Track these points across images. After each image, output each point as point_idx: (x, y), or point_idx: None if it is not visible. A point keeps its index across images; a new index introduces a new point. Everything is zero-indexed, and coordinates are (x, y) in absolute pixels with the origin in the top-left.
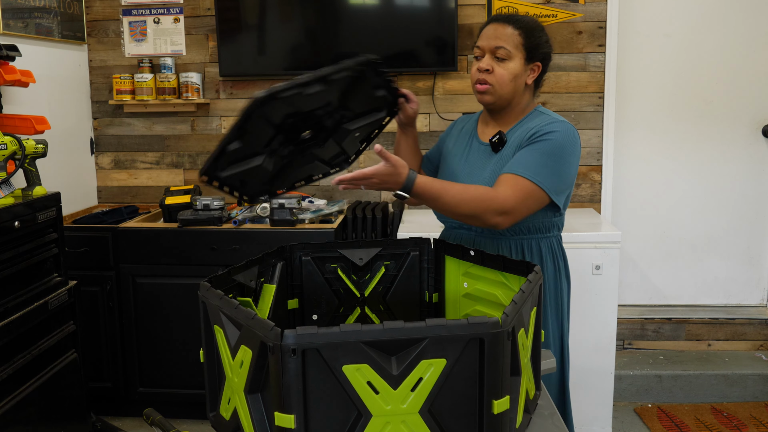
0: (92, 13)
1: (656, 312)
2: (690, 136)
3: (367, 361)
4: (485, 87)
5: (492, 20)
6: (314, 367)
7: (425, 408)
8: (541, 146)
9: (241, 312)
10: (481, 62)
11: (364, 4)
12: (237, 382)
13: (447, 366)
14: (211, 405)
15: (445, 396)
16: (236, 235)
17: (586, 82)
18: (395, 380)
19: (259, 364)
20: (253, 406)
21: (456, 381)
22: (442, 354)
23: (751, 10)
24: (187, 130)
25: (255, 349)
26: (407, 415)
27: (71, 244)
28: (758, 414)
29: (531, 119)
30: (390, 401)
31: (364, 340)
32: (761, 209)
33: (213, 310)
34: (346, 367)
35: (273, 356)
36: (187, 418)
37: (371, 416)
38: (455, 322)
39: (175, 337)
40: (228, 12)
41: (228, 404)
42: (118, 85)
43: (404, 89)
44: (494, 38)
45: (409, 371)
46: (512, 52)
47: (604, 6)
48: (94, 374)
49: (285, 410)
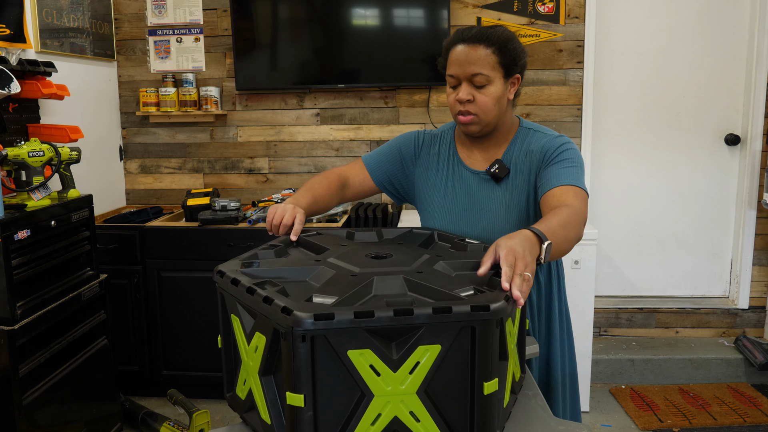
0: (121, 33)
1: (629, 302)
2: (660, 143)
3: (370, 346)
4: (469, 118)
5: (458, 40)
6: (322, 351)
7: (422, 389)
8: (566, 160)
9: (257, 302)
10: (460, 93)
11: (366, 25)
12: (252, 366)
13: (442, 351)
14: (228, 386)
15: (440, 378)
16: (251, 233)
17: (566, 96)
18: (395, 364)
19: (272, 349)
20: (267, 387)
21: (450, 365)
22: (437, 340)
23: (714, 30)
24: (206, 139)
25: (269, 335)
26: (406, 396)
27: (102, 242)
28: (721, 394)
29: (525, 139)
30: (390, 383)
31: (367, 327)
32: (724, 210)
33: (230, 300)
34: (351, 352)
35: (285, 342)
36: (206, 398)
37: (373, 396)
38: (454, 319)
39: (195, 325)
40: (244, 32)
41: (243, 385)
42: (145, 98)
43: None
44: (468, 64)
45: (408, 356)
46: (491, 75)
47: (582, 27)
48: (122, 358)
49: (295, 390)
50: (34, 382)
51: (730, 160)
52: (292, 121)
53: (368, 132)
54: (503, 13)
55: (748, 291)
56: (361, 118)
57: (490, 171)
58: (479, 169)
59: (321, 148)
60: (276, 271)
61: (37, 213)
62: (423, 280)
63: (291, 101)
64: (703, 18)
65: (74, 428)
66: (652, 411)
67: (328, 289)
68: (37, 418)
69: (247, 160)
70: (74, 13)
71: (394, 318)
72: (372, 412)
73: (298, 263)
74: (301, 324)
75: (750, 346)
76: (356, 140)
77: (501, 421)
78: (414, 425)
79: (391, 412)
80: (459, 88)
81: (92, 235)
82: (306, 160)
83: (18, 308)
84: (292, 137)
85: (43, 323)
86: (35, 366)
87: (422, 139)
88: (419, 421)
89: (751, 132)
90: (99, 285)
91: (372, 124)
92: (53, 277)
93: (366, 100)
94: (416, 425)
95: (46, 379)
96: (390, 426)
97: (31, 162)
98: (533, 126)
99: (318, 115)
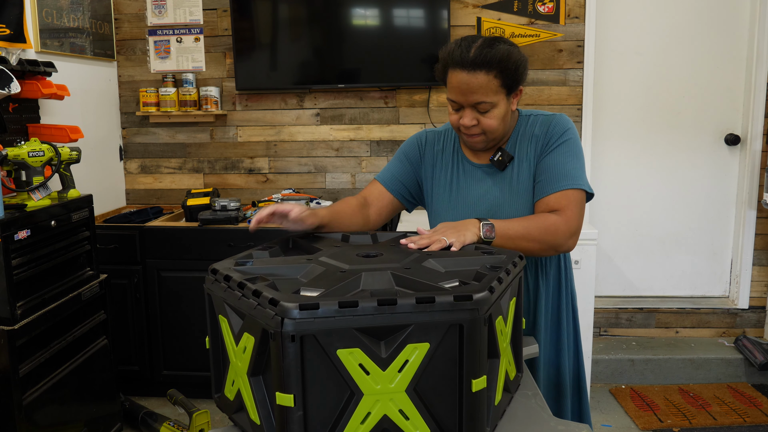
0: (121, 33)
1: (629, 302)
2: (660, 143)
3: (359, 345)
4: (475, 139)
5: (456, 65)
6: (311, 351)
7: (411, 387)
8: (565, 149)
9: (244, 302)
10: (464, 119)
11: (365, 24)
12: (240, 366)
13: (430, 349)
14: (216, 387)
15: (429, 376)
16: (251, 233)
17: (566, 95)
18: (384, 362)
19: (261, 349)
20: (256, 388)
21: (438, 362)
22: (426, 338)
23: (714, 30)
24: (206, 139)
25: (257, 336)
26: (395, 394)
27: (102, 242)
28: (721, 394)
29: (527, 125)
30: (379, 381)
31: (356, 326)
32: (724, 210)
33: (218, 301)
34: (340, 351)
35: (274, 342)
36: (206, 398)
37: (363, 395)
38: (438, 309)
39: (195, 325)
40: (243, 32)
41: (232, 386)
42: (145, 98)
43: None
44: (470, 93)
45: (397, 354)
46: (494, 100)
47: (582, 27)
48: (122, 358)
49: (285, 390)
50: (34, 382)
51: (730, 160)
52: (292, 121)
53: (368, 132)
54: (503, 13)
55: (748, 291)
56: (361, 118)
57: (493, 159)
58: (483, 162)
59: (321, 148)
60: (268, 268)
61: (37, 213)
62: (410, 275)
63: (291, 101)
64: (703, 18)
65: (74, 428)
66: (652, 411)
67: (316, 283)
68: (37, 418)
69: (247, 160)
70: (74, 13)
71: (378, 308)
72: (362, 410)
73: (291, 262)
74: (289, 324)
75: (750, 346)
76: (356, 140)
77: (492, 419)
78: (403, 423)
79: (381, 410)
80: (462, 112)
81: (92, 235)
82: (306, 160)
83: (18, 308)
84: (292, 137)
85: (43, 323)
86: (35, 366)
87: (425, 139)
88: (408, 419)
89: (751, 132)
90: (99, 285)
91: (372, 124)
92: (53, 277)
93: (366, 100)
94: (406, 423)
95: (46, 379)
96: (379, 425)
97: (31, 162)
98: (532, 112)
99: (318, 115)
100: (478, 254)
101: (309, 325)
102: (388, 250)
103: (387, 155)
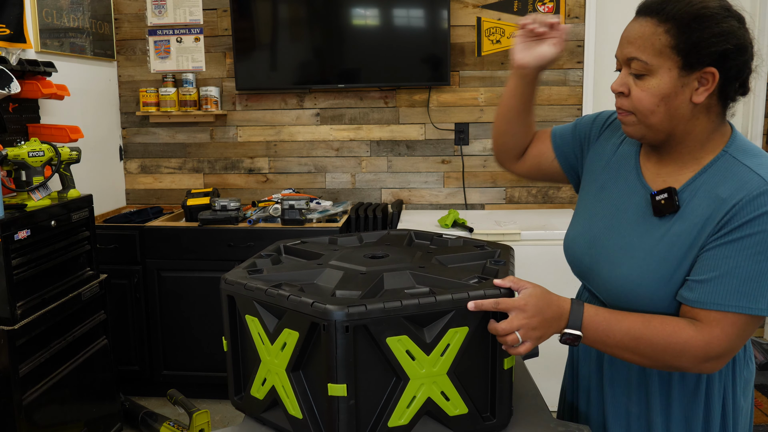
0: (121, 33)
1: None
2: None
3: (406, 332)
4: (625, 117)
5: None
6: (362, 341)
7: (452, 369)
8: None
9: (283, 298)
10: (615, 80)
11: (366, 25)
12: (277, 363)
13: (469, 333)
14: (236, 389)
15: (467, 357)
16: (251, 233)
17: (566, 95)
18: (428, 347)
19: (305, 344)
20: (296, 382)
21: (475, 345)
22: (465, 323)
23: None
24: (206, 139)
25: (303, 330)
26: (438, 377)
27: (102, 242)
28: None
29: (723, 170)
30: (424, 365)
31: (404, 314)
32: None
33: (245, 301)
34: (390, 339)
35: (326, 334)
36: (206, 398)
37: (409, 379)
38: (476, 295)
39: (195, 325)
40: (243, 32)
41: (262, 385)
42: (145, 98)
43: None
44: (627, 43)
45: (440, 339)
46: (652, 63)
47: (582, 27)
48: (122, 358)
49: (337, 381)
50: (34, 382)
51: None
52: (292, 121)
53: (368, 132)
54: (503, 13)
55: None
56: (361, 118)
57: (654, 197)
58: (651, 185)
59: (321, 148)
60: (284, 275)
61: (37, 213)
62: (428, 273)
63: (291, 101)
64: None
65: (74, 428)
66: None
67: (347, 285)
68: (37, 418)
69: (247, 160)
70: (74, 13)
71: (420, 306)
72: (408, 395)
73: (301, 267)
74: (341, 315)
75: None
76: (356, 140)
77: None
78: (445, 404)
79: (425, 393)
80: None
81: (92, 235)
82: (306, 160)
83: (18, 308)
84: (292, 137)
85: (43, 323)
86: (35, 366)
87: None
88: (449, 400)
89: (751, 132)
90: (99, 285)
91: (372, 124)
92: (53, 277)
93: (366, 100)
94: (447, 404)
95: (46, 379)
96: (424, 407)
97: (31, 162)
98: (746, 149)
99: (318, 115)
100: (471, 248)
101: (360, 316)
102: (390, 251)
103: (387, 155)
